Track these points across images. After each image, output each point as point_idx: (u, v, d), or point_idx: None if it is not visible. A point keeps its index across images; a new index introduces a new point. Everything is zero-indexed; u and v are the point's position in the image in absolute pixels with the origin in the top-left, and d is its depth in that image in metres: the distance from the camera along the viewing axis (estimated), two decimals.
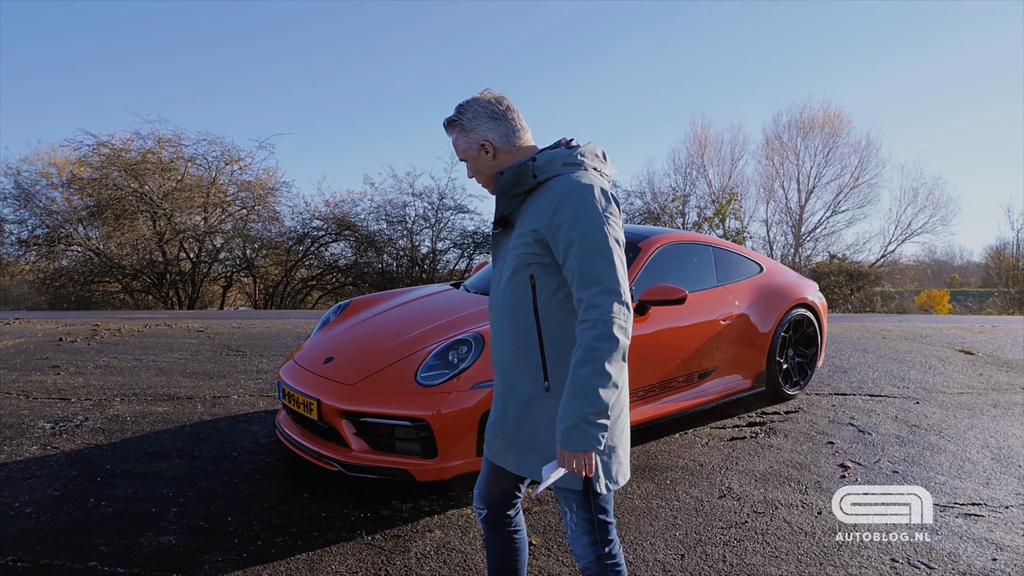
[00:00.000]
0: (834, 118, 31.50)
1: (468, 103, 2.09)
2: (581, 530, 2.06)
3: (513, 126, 2.09)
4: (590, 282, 1.86)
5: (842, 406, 5.64)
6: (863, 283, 24.89)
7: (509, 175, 2.04)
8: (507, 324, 2.07)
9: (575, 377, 1.82)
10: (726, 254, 5.56)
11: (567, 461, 1.85)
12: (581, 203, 1.90)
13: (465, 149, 2.10)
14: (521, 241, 2.00)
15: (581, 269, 1.87)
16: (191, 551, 3.15)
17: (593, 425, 1.81)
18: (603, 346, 1.81)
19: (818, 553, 3.23)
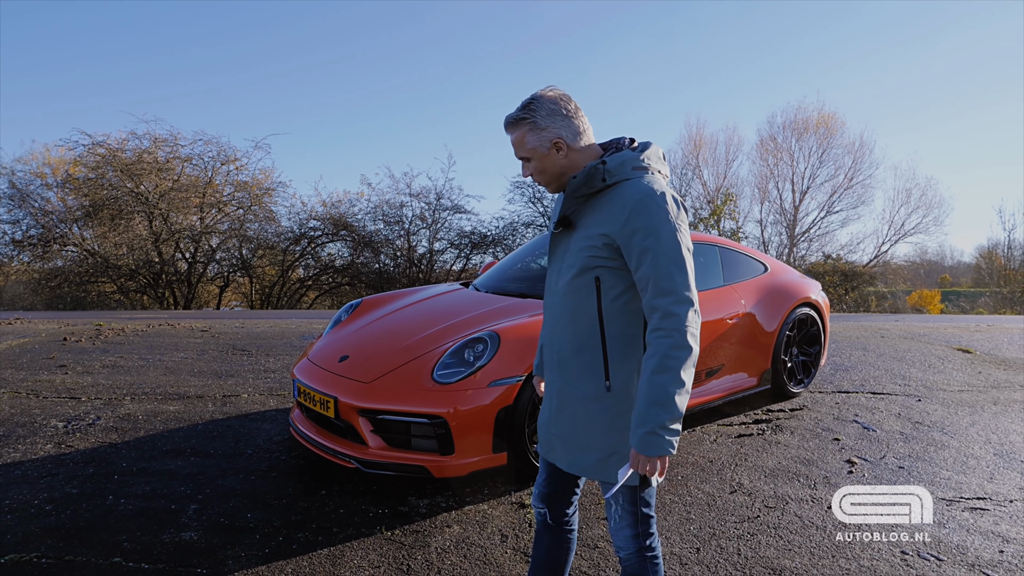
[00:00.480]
0: (828, 119, 31.69)
1: (539, 100, 2.07)
2: (625, 522, 2.11)
3: (581, 127, 2.11)
4: (666, 291, 1.90)
5: (846, 403, 5.71)
6: (857, 283, 25.05)
7: (580, 178, 2.05)
8: (568, 324, 2.11)
9: (652, 384, 1.87)
10: (732, 254, 5.63)
11: (641, 464, 1.90)
12: (656, 211, 1.93)
13: (535, 147, 2.08)
14: (588, 244, 2.04)
15: (657, 278, 1.91)
16: (213, 547, 3.19)
17: (669, 431, 1.87)
18: (679, 355, 1.87)
19: (830, 546, 3.30)
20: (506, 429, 3.73)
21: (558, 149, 2.08)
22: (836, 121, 31.64)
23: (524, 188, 24.10)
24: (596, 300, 2.05)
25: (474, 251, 23.65)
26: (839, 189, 31.13)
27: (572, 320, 2.10)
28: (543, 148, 2.08)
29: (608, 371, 2.05)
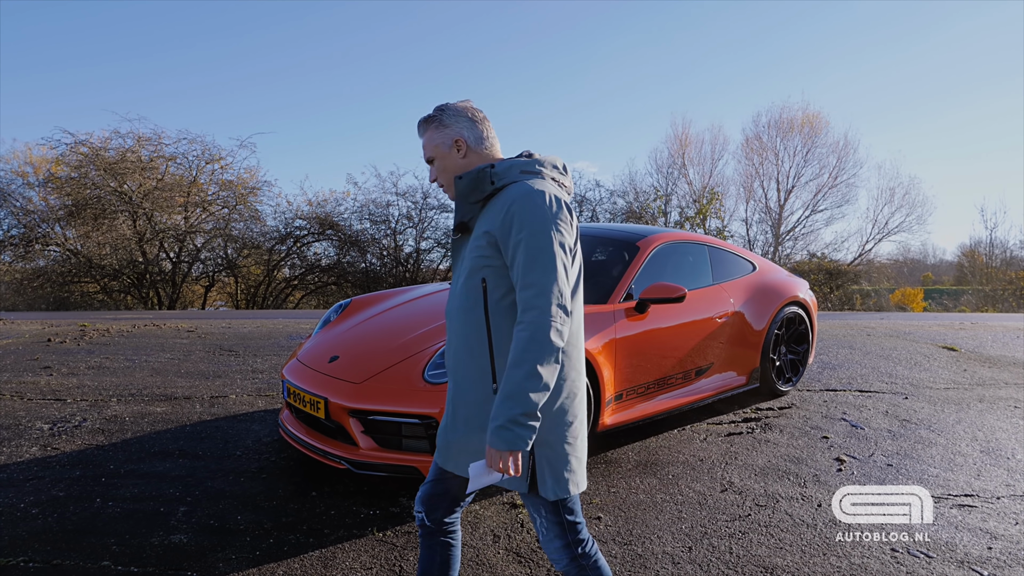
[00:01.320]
0: (813, 118, 31.92)
1: (447, 105, 2.16)
2: (552, 534, 2.08)
3: (485, 134, 2.16)
4: (529, 284, 1.89)
5: (834, 402, 5.75)
6: (842, 281, 25.23)
7: (468, 180, 2.07)
8: (460, 327, 2.09)
9: (508, 378, 1.85)
10: (721, 253, 5.65)
11: (495, 461, 1.85)
12: (531, 207, 1.93)
13: (438, 145, 2.14)
14: (476, 244, 2.03)
15: (524, 272, 1.90)
16: (203, 550, 3.16)
17: (521, 426, 1.83)
18: (535, 349, 1.84)
19: (821, 544, 3.32)
20: None
21: (458, 149, 2.13)
22: (820, 120, 31.89)
23: None
24: (483, 302, 2.02)
25: None
26: (824, 188, 31.39)
27: (463, 324, 2.07)
28: (445, 146, 2.13)
29: (495, 375, 2.01)
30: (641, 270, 4.82)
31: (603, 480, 4.02)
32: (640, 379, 4.57)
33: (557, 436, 2.01)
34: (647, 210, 26.73)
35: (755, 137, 32.69)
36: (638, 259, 4.87)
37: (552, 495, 2.00)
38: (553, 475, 2.00)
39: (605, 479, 4.04)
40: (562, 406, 2.02)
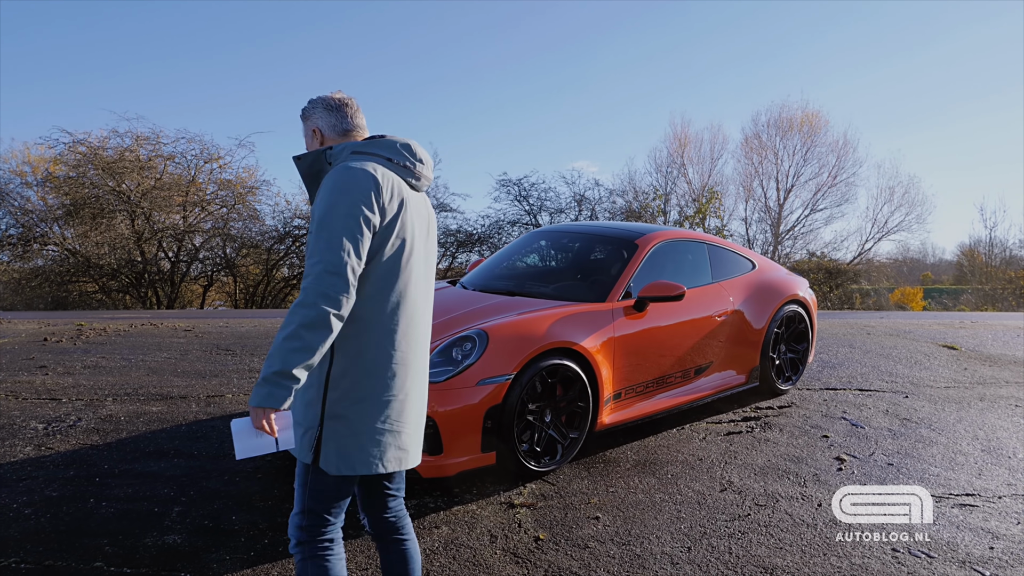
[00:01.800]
0: (812, 117, 31.87)
1: (315, 98, 2.25)
2: (296, 507, 2.10)
3: (345, 119, 2.21)
4: (312, 254, 1.92)
5: (834, 400, 5.72)
6: (841, 280, 25.18)
7: (306, 162, 2.15)
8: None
9: (275, 338, 1.87)
10: (720, 251, 5.62)
11: (255, 418, 1.86)
12: (338, 184, 1.96)
13: (304, 136, 2.25)
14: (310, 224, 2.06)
15: (312, 240, 1.94)
16: (197, 550, 3.13)
17: (275, 385, 1.82)
18: (299, 312, 1.85)
19: (821, 544, 3.29)
20: (495, 428, 3.70)
21: (315, 137, 2.22)
22: (820, 119, 31.85)
23: (510, 187, 24.05)
24: None
25: (460, 249, 23.56)
26: (823, 187, 31.34)
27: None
28: (307, 137, 2.25)
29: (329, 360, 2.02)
30: (640, 268, 4.79)
31: (601, 479, 3.99)
32: (639, 378, 4.54)
33: (350, 411, 2.00)
34: (646, 209, 26.68)
35: (754, 136, 32.66)
36: (637, 257, 4.84)
37: (334, 470, 1.99)
38: (338, 450, 1.99)
39: (604, 478, 4.01)
40: (356, 381, 2.00)
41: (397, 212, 2.04)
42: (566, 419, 4.10)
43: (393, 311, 2.05)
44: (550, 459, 4.00)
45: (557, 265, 5.78)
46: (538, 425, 3.96)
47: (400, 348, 2.07)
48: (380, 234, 2.00)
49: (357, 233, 1.92)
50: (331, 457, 1.99)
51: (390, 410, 2.05)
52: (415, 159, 2.16)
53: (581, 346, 4.05)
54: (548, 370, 3.90)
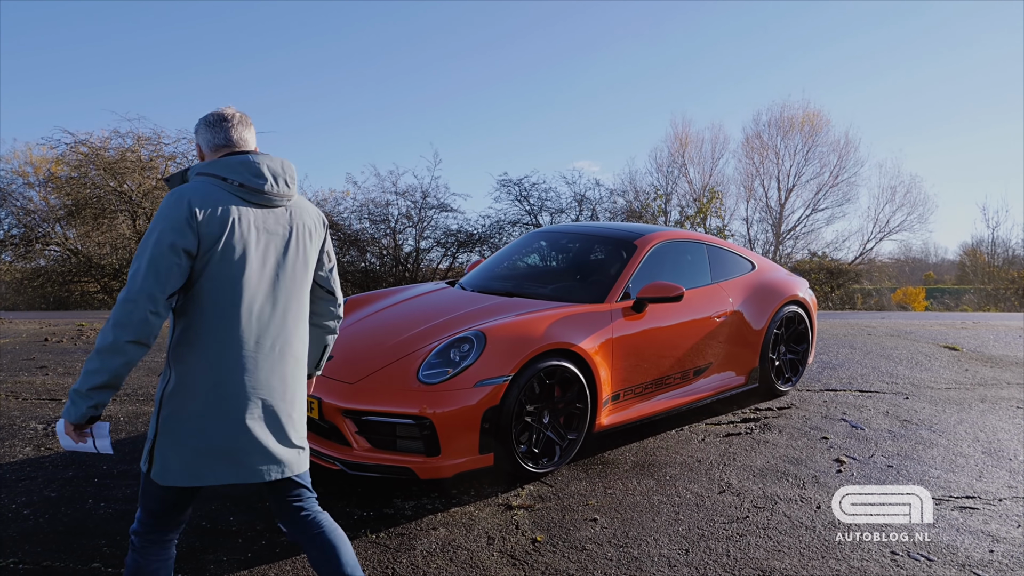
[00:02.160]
0: (813, 117, 31.82)
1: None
2: (138, 507, 2.26)
3: (219, 135, 2.24)
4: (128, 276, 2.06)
5: (833, 402, 5.71)
6: (843, 280, 25.15)
7: (173, 182, 2.28)
8: None
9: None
10: (719, 252, 5.61)
11: (64, 426, 2.07)
12: (160, 208, 2.05)
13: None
14: None
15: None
16: (194, 551, 3.13)
17: (72, 401, 2.01)
18: (100, 336, 2.00)
19: (820, 547, 3.28)
20: (493, 429, 3.69)
21: (198, 154, 2.31)
22: (821, 119, 31.78)
23: (510, 187, 24.02)
24: None
25: (461, 249, 23.53)
26: (824, 187, 31.27)
27: None
28: (196, 155, 2.37)
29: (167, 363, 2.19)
30: (639, 269, 4.78)
31: (599, 481, 3.99)
32: (638, 379, 4.54)
33: (178, 428, 2.10)
34: (647, 209, 26.66)
35: (755, 136, 32.61)
36: (635, 258, 4.83)
37: (160, 480, 2.11)
38: (164, 463, 2.11)
39: (602, 480, 4.00)
40: (184, 400, 2.09)
41: (223, 232, 2.06)
42: (564, 420, 4.10)
43: (227, 329, 2.10)
44: (548, 460, 3.99)
45: (556, 266, 5.77)
46: (536, 426, 3.95)
47: (235, 366, 2.11)
48: (203, 256, 2.05)
49: (162, 260, 1.99)
50: (158, 468, 2.11)
51: (219, 427, 2.11)
52: (256, 176, 2.16)
53: (579, 347, 4.04)
54: (546, 371, 3.89)
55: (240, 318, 2.11)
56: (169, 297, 2.02)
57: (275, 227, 2.21)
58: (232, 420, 2.12)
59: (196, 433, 2.09)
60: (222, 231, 2.06)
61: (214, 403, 2.10)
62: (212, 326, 2.09)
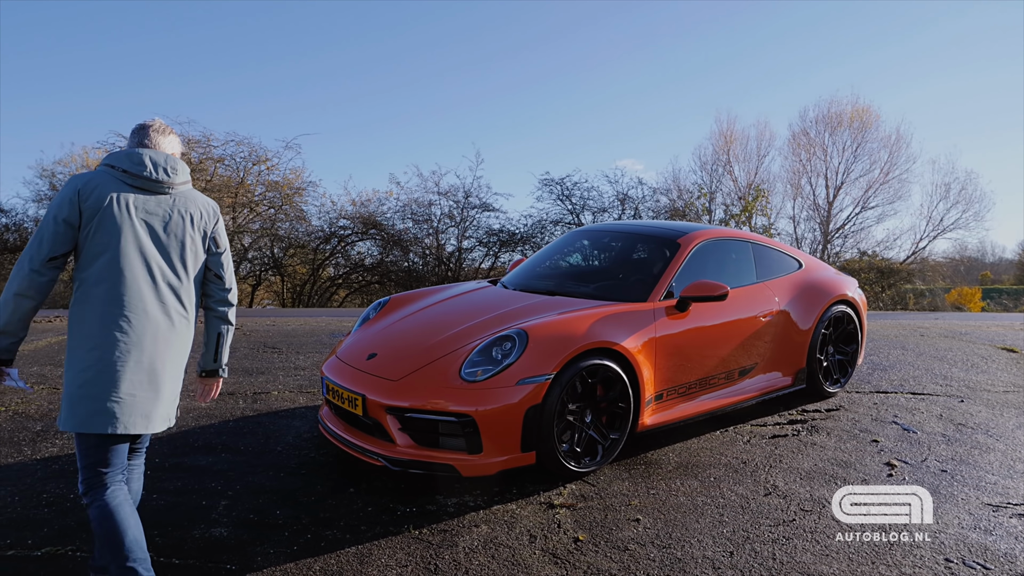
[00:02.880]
0: (862, 112, 31.09)
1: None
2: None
3: (135, 140, 2.67)
4: None
5: (884, 404, 5.57)
6: (894, 280, 24.58)
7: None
8: None
9: None
10: (765, 250, 5.51)
11: None
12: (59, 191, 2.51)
13: None
14: None
15: None
16: (242, 543, 3.19)
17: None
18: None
19: (869, 552, 3.20)
20: (535, 428, 3.69)
21: None
22: (871, 114, 31.04)
23: (552, 186, 24.02)
24: None
25: (503, 249, 23.63)
26: (874, 184, 30.53)
27: None
28: None
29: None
30: (682, 268, 4.73)
31: (642, 481, 3.95)
32: (681, 379, 4.49)
33: (66, 379, 2.48)
34: (691, 208, 26.39)
35: (802, 132, 32.00)
36: (679, 256, 4.78)
37: (60, 426, 2.49)
38: (62, 411, 2.48)
39: (644, 480, 3.97)
40: (69, 353, 2.50)
41: (100, 210, 2.47)
42: (607, 420, 4.08)
43: (103, 293, 2.48)
44: (590, 460, 3.97)
45: (598, 264, 5.74)
46: (578, 425, 3.94)
47: (105, 324, 2.47)
48: (84, 227, 2.47)
49: (48, 229, 2.44)
50: (60, 417, 2.49)
51: (93, 378, 2.45)
52: (138, 164, 2.55)
53: (622, 346, 4.01)
54: (588, 370, 3.87)
55: (119, 284, 2.50)
56: (50, 260, 2.44)
57: (156, 209, 2.59)
58: (108, 373, 2.47)
59: (77, 383, 2.45)
60: (99, 206, 2.47)
61: (89, 357, 2.46)
62: (90, 289, 2.49)
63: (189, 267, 2.67)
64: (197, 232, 2.68)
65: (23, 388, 2.59)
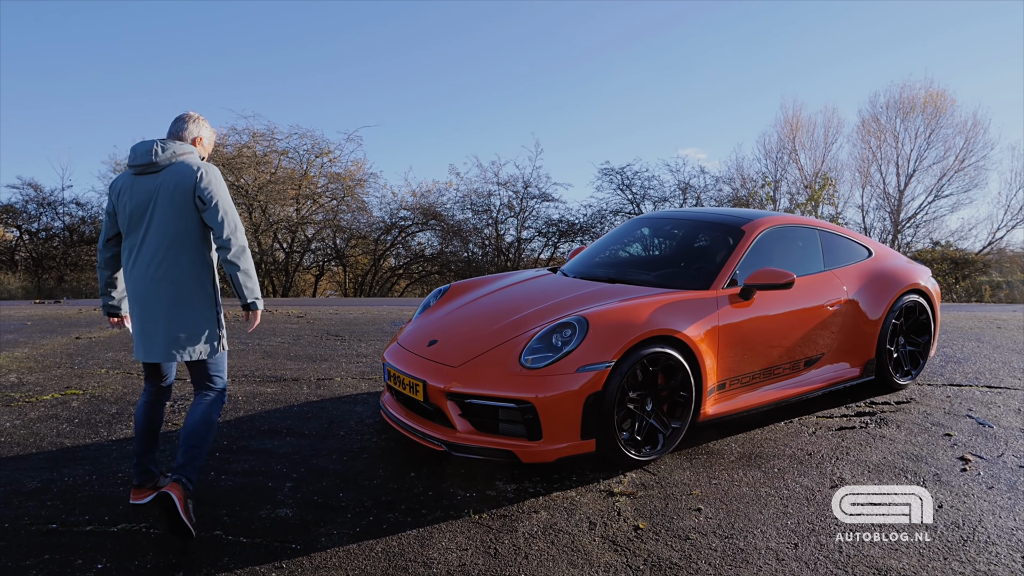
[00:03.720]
0: (937, 97, 29.79)
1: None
2: None
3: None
4: None
5: (958, 397, 5.36)
6: (969, 271, 23.58)
7: None
8: None
9: None
10: (833, 238, 5.36)
11: None
12: None
13: None
14: None
15: None
16: (307, 524, 3.26)
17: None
18: None
19: (941, 547, 3.09)
20: (595, 415, 3.67)
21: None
22: (945, 99, 29.70)
23: (612, 175, 23.82)
24: None
25: (562, 239, 23.57)
26: (949, 172, 29.24)
27: None
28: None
29: None
30: (746, 255, 4.63)
31: (704, 471, 3.90)
32: (744, 368, 4.40)
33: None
34: (754, 197, 25.82)
35: (872, 119, 30.83)
36: (743, 244, 4.69)
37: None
38: None
39: (706, 470, 3.91)
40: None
41: (117, 196, 3.32)
42: (668, 408, 4.03)
43: (124, 258, 3.36)
44: (651, 448, 3.94)
45: (659, 252, 5.67)
46: (639, 414, 3.90)
47: (127, 280, 3.36)
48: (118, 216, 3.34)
49: (104, 220, 3.43)
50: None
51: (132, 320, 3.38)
52: (132, 156, 3.27)
53: (684, 334, 3.96)
54: (649, 358, 3.83)
55: (127, 250, 3.33)
56: (107, 241, 3.43)
57: (148, 187, 3.24)
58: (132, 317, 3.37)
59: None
60: (117, 196, 3.32)
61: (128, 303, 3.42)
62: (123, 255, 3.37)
63: (180, 228, 3.25)
64: (179, 198, 3.22)
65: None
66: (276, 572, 2.85)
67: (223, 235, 3.25)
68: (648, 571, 2.88)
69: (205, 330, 3.33)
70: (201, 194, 3.21)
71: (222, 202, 3.26)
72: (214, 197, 3.23)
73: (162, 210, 3.21)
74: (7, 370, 6.19)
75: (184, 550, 3.02)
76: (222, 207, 3.25)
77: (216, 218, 3.23)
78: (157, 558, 2.95)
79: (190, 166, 3.24)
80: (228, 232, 3.26)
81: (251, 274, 3.37)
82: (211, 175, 3.25)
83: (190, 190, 3.20)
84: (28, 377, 5.94)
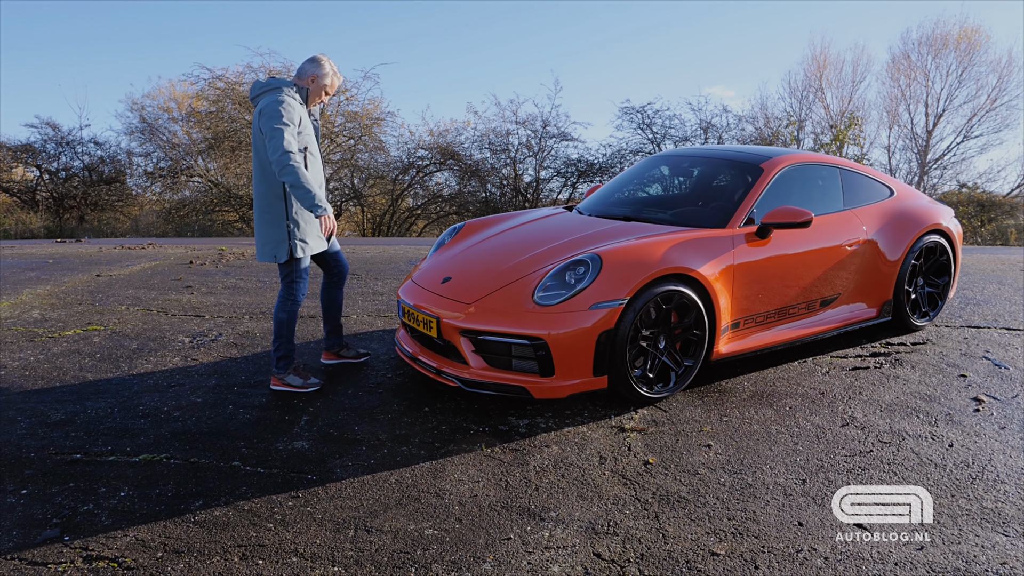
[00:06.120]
0: (971, 33, 28.76)
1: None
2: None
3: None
4: None
5: (975, 339, 5.31)
6: (996, 214, 23.11)
7: None
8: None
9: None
10: (854, 176, 5.25)
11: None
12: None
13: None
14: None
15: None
16: (323, 456, 3.33)
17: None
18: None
19: (950, 484, 3.11)
20: (607, 352, 3.68)
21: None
22: (980, 35, 28.67)
23: (633, 114, 23.40)
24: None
25: (581, 179, 23.31)
26: (979, 111, 28.44)
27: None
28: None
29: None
30: (764, 193, 4.56)
31: (715, 409, 3.92)
32: (759, 308, 4.38)
33: None
34: (778, 136, 25.30)
35: (903, 56, 29.90)
36: (761, 181, 4.61)
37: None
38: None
39: (717, 408, 3.94)
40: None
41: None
42: (681, 347, 4.03)
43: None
44: (663, 386, 3.96)
45: (677, 190, 5.60)
46: (651, 351, 3.91)
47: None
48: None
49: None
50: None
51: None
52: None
53: (698, 272, 3.93)
54: (663, 296, 3.82)
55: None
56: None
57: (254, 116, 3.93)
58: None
59: None
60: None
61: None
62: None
63: (262, 148, 3.89)
64: (256, 128, 3.90)
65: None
66: (292, 501, 2.93)
67: (271, 157, 3.75)
68: (656, 504, 2.93)
69: (274, 240, 4.00)
70: (261, 124, 3.81)
71: (267, 130, 3.77)
72: (269, 125, 3.77)
73: (255, 136, 3.95)
74: (30, 307, 6.31)
75: (203, 479, 3.11)
76: (268, 134, 3.77)
77: (269, 141, 3.77)
78: (177, 487, 3.04)
79: (264, 101, 3.87)
80: (273, 155, 3.74)
81: (300, 185, 3.75)
82: (266, 109, 3.81)
83: (257, 121, 3.86)
84: (51, 313, 6.05)
